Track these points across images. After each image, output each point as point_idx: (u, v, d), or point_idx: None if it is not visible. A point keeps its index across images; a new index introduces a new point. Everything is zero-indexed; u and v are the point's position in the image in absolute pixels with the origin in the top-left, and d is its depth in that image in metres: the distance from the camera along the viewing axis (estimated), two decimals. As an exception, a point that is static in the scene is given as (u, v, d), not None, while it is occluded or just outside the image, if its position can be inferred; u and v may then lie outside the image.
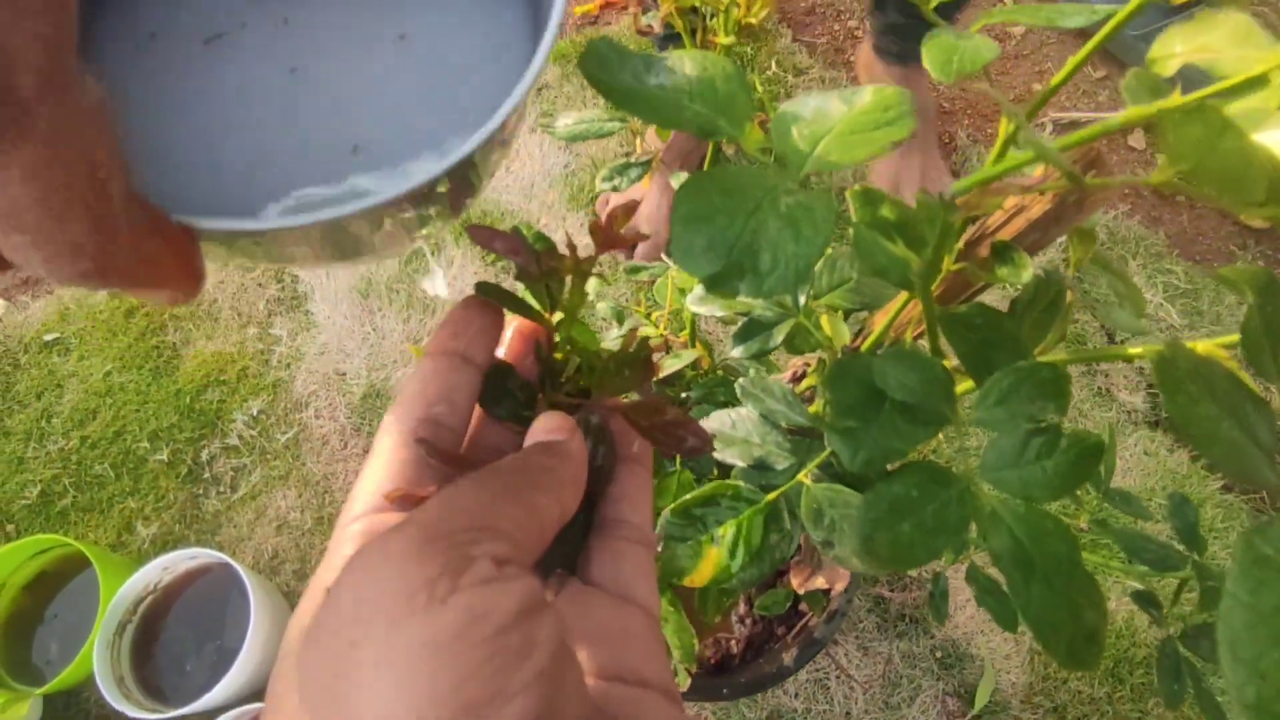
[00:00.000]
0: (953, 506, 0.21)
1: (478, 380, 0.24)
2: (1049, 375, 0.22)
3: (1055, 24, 0.26)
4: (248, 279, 1.07)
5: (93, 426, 0.99)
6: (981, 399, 0.22)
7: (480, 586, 0.16)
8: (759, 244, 0.18)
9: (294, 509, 0.94)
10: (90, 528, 0.94)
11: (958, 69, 0.24)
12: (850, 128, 0.22)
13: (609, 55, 0.22)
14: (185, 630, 0.81)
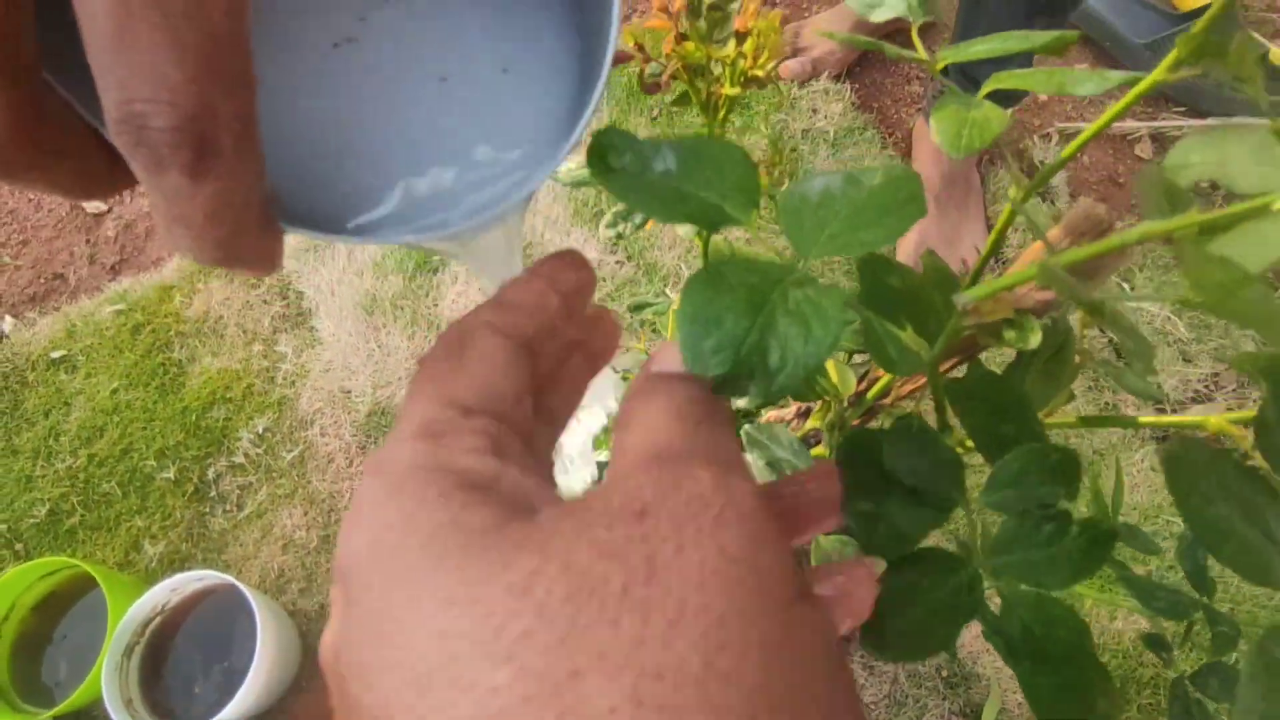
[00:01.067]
0: (963, 593, 0.21)
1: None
2: (1059, 459, 0.21)
3: (1066, 91, 0.26)
4: (252, 295, 1.08)
5: (100, 444, 0.99)
6: (991, 482, 0.22)
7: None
8: (768, 343, 0.18)
9: (300, 528, 0.94)
10: (98, 546, 0.94)
11: (966, 143, 0.24)
12: (858, 211, 0.21)
13: (616, 144, 0.22)
14: (193, 651, 0.81)
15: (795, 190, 0.23)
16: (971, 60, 0.30)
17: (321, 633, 0.18)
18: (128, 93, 0.14)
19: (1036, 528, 0.21)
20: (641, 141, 0.23)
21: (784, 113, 1.15)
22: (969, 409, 0.25)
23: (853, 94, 1.17)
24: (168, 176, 0.15)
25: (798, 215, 0.22)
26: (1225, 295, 0.14)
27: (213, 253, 0.17)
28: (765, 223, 1.07)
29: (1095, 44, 1.27)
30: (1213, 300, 0.15)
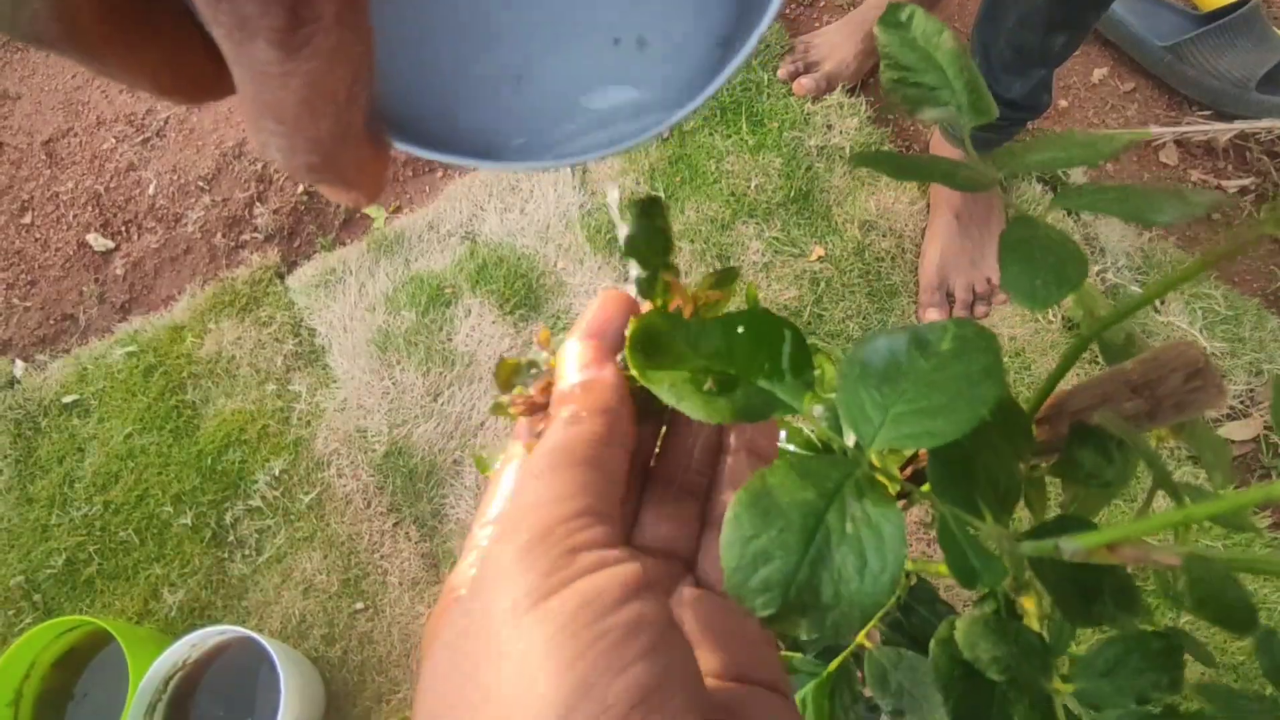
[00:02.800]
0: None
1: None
2: (1160, 646, 0.20)
3: (1143, 217, 0.24)
4: (264, 334, 1.06)
5: (115, 491, 0.98)
6: (1084, 668, 0.20)
7: (586, 576, 0.18)
8: (820, 578, 0.17)
9: (320, 571, 0.93)
10: (117, 596, 0.93)
11: (1042, 297, 0.22)
12: (929, 389, 0.19)
13: (663, 334, 0.20)
14: (216, 707, 0.80)
15: (856, 357, 0.21)
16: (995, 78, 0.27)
17: (345, 680, 0.20)
18: None
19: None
20: (687, 324, 0.21)
21: (798, 129, 1.12)
22: (1044, 561, 0.23)
23: (868, 108, 1.14)
24: (254, 46, 0.13)
25: (857, 392, 0.20)
26: None
27: (306, 156, 0.15)
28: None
29: (1114, 46, 1.23)
30: None
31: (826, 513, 0.17)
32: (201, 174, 1.22)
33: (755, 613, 0.17)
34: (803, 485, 0.17)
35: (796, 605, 0.17)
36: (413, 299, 1.05)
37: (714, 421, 0.19)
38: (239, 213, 1.19)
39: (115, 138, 1.27)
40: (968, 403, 0.18)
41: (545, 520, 0.19)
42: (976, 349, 0.19)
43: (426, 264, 1.08)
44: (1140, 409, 0.25)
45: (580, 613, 0.17)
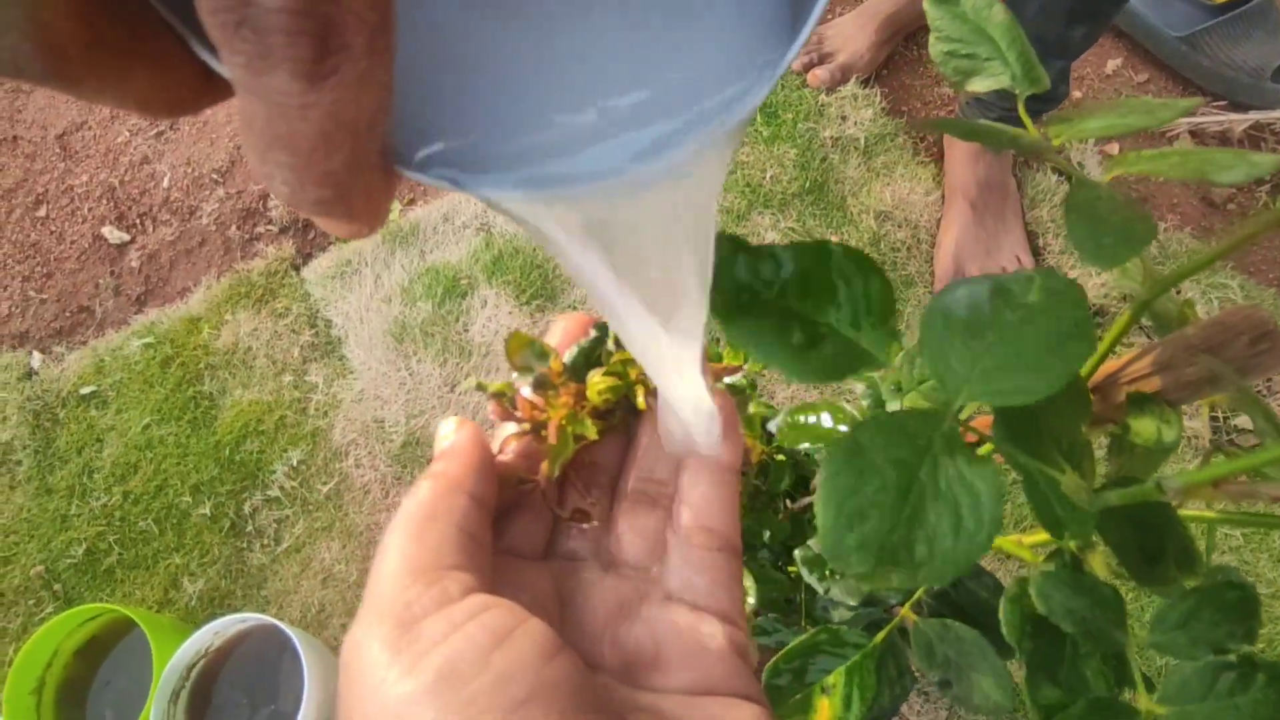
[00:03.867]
0: (1135, 748, 0.19)
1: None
2: (1235, 597, 0.20)
3: (1207, 177, 0.24)
4: (281, 325, 1.07)
5: (134, 481, 0.99)
6: (1159, 621, 0.20)
7: (438, 647, 0.17)
8: (914, 537, 0.17)
9: (339, 561, 0.93)
10: (137, 585, 0.94)
11: (1110, 257, 0.22)
12: (1016, 342, 0.19)
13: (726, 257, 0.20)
14: (239, 695, 0.81)
15: (939, 306, 0.21)
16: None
17: None
18: None
19: (1215, 677, 0.20)
20: (755, 249, 0.21)
21: (812, 121, 1.12)
22: (1110, 523, 0.23)
23: (882, 98, 1.14)
24: (275, 77, 0.11)
25: (942, 345, 0.20)
26: None
27: (316, 190, 0.14)
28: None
29: (1128, 38, 1.23)
30: None
31: (919, 469, 0.17)
32: (215, 167, 1.22)
33: (849, 572, 0.17)
34: (894, 442, 0.17)
35: (890, 561, 0.17)
36: (429, 290, 1.05)
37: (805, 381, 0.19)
38: (253, 205, 1.20)
39: (129, 131, 1.28)
40: (1060, 359, 0.18)
41: (392, 591, 0.19)
42: (1066, 302, 0.20)
43: (442, 255, 1.09)
44: (1201, 375, 0.25)
45: (438, 686, 0.17)
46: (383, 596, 0.19)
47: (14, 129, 1.30)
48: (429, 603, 0.18)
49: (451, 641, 0.17)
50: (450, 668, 0.17)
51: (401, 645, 0.18)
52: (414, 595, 0.19)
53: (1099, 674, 0.21)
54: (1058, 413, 0.24)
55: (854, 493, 0.17)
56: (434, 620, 0.18)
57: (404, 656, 0.17)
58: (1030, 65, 0.30)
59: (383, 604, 0.19)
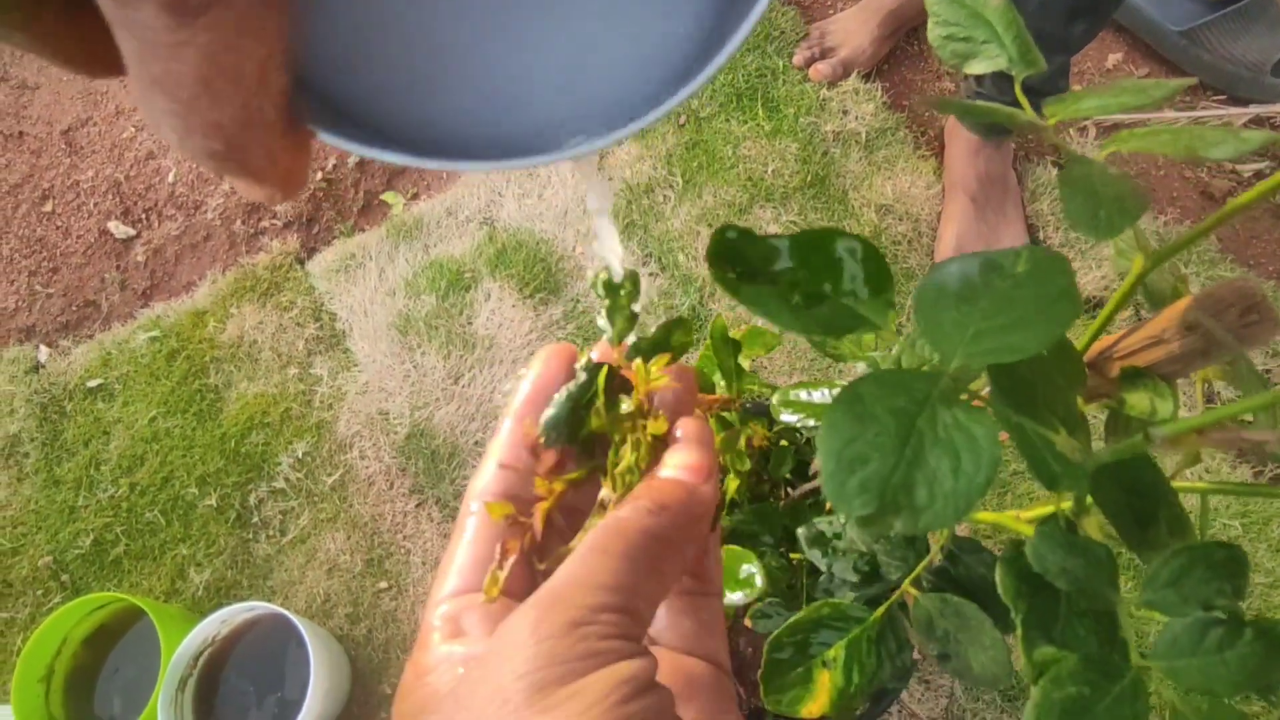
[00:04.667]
0: (1126, 703, 0.20)
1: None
2: (1224, 556, 0.20)
3: (1197, 154, 0.25)
4: (285, 318, 1.07)
5: (141, 473, 0.99)
6: (1150, 580, 0.21)
7: (603, 670, 0.17)
8: (914, 479, 0.17)
9: (344, 552, 0.94)
10: (144, 576, 0.94)
11: (1106, 225, 0.23)
12: (1006, 307, 0.20)
13: (744, 246, 0.21)
14: (245, 683, 0.81)
15: (931, 280, 0.21)
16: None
17: (369, 658, 0.19)
18: None
19: (1203, 632, 0.20)
20: (763, 239, 0.22)
21: (814, 115, 1.13)
22: (1103, 489, 0.24)
23: (883, 93, 1.15)
24: (142, 9, 0.11)
25: (935, 312, 0.21)
26: None
27: (205, 141, 0.13)
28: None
29: (1129, 33, 1.24)
30: None
31: (918, 418, 0.18)
32: (220, 162, 1.23)
33: (852, 514, 0.18)
34: (894, 394, 0.18)
35: (891, 506, 0.17)
36: (432, 283, 1.06)
37: (802, 334, 0.19)
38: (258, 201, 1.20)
39: (134, 126, 1.28)
40: (1046, 320, 0.19)
41: (581, 604, 0.18)
42: (1052, 270, 0.20)
43: (446, 249, 1.09)
44: (1194, 347, 0.26)
45: (591, 709, 0.16)
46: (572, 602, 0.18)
47: (20, 125, 1.31)
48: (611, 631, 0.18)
49: (616, 669, 0.17)
50: (608, 690, 0.16)
51: (571, 654, 0.17)
52: (602, 620, 0.18)
53: (1092, 632, 0.22)
54: (1052, 383, 0.24)
55: (854, 438, 0.18)
56: (609, 645, 0.17)
57: (566, 666, 0.17)
58: (1026, 48, 0.30)
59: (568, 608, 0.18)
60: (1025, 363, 0.24)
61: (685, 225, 1.07)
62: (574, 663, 0.17)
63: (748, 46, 1.19)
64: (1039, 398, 0.23)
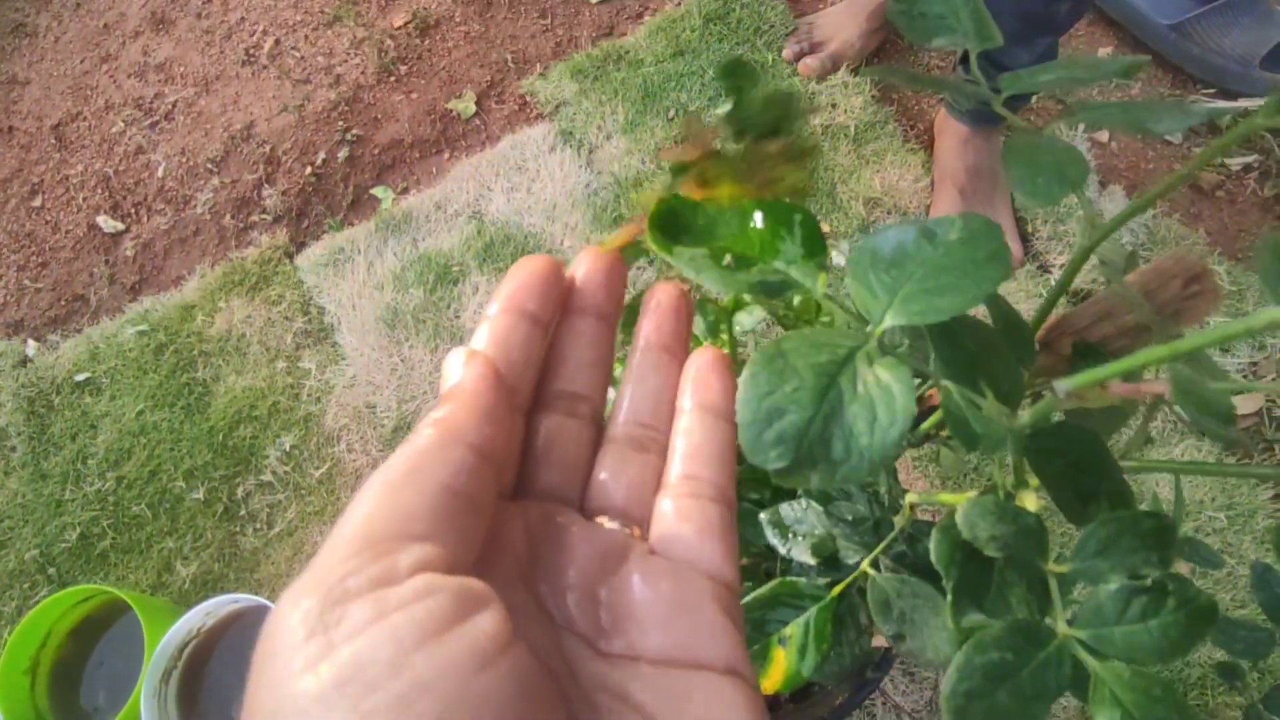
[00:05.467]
0: (1050, 669, 0.20)
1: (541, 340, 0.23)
2: (1152, 526, 0.20)
3: (1145, 125, 0.25)
4: (274, 312, 1.07)
5: (128, 467, 1.00)
6: (1079, 549, 0.21)
7: (361, 634, 0.15)
8: (831, 433, 0.17)
9: (330, 545, 0.94)
10: (130, 569, 0.95)
11: (1046, 192, 0.23)
12: (936, 271, 0.20)
13: (683, 214, 0.21)
14: (230, 675, 0.82)
15: (865, 246, 0.21)
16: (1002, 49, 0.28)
17: None
18: None
19: (1128, 601, 0.20)
20: (706, 208, 0.22)
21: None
22: (1046, 464, 0.24)
23: (872, 87, 1.15)
24: None
25: (866, 276, 0.21)
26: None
27: None
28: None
29: (1118, 25, 1.23)
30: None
31: (839, 375, 0.18)
32: (210, 156, 1.23)
33: (769, 466, 0.18)
34: (817, 350, 0.18)
35: (808, 459, 0.17)
36: (420, 277, 1.06)
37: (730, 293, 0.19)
38: (247, 194, 1.21)
39: (124, 121, 1.29)
40: (974, 282, 0.19)
41: (334, 559, 0.16)
42: (984, 237, 0.20)
43: (434, 243, 1.09)
44: (1141, 320, 0.26)
45: (340, 688, 0.14)
46: (323, 563, 0.16)
47: (9, 120, 1.31)
48: (366, 579, 0.16)
49: (370, 633, 0.15)
50: (358, 667, 0.14)
51: (319, 626, 0.15)
52: (354, 566, 0.16)
53: (1022, 601, 0.22)
54: (999, 356, 0.24)
55: (772, 391, 0.18)
56: (363, 602, 0.15)
57: (316, 641, 0.15)
58: (983, 23, 0.30)
59: (319, 572, 0.16)
60: (971, 334, 0.24)
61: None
62: (325, 634, 0.15)
63: (737, 40, 1.20)
64: (982, 367, 0.23)
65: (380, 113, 1.25)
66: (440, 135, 1.23)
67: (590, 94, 1.18)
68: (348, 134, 1.23)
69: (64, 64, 1.36)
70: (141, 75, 1.33)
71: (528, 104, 1.23)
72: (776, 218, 0.22)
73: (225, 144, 1.24)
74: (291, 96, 1.27)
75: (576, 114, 1.17)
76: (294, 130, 1.24)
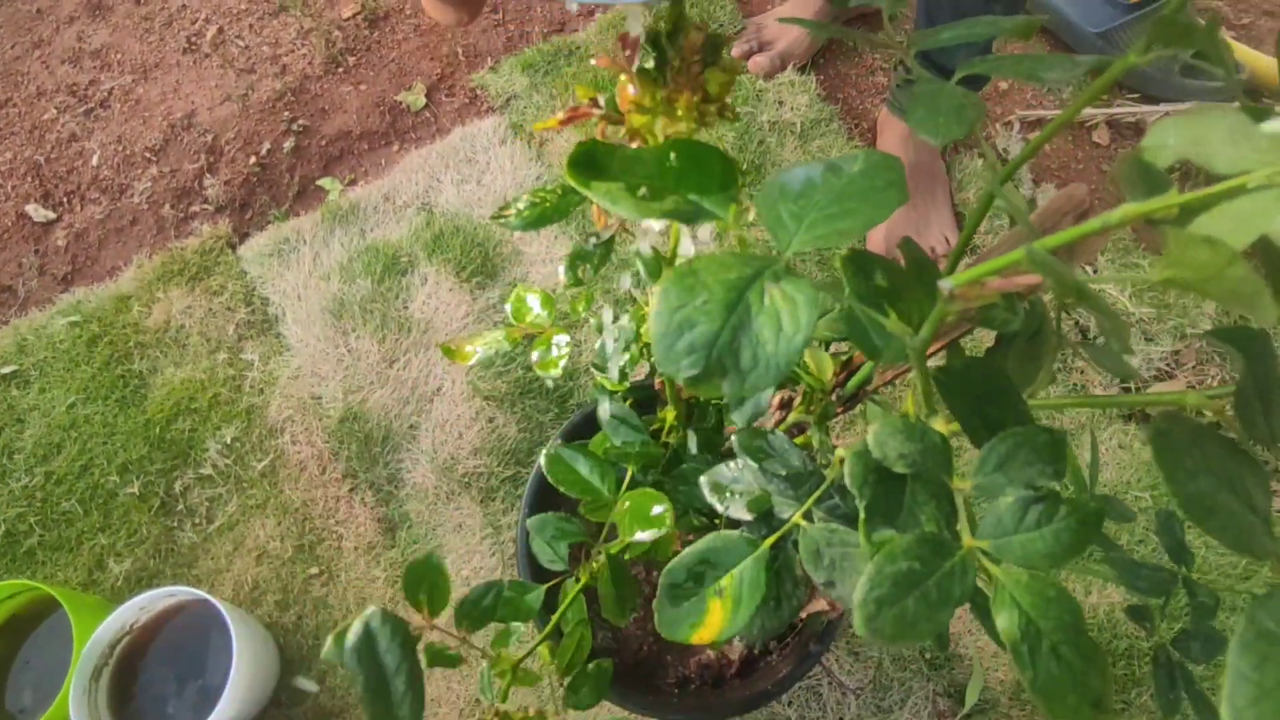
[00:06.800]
0: (955, 578, 0.21)
1: None
2: (1046, 440, 0.22)
3: (1036, 76, 0.26)
4: (215, 303, 1.05)
5: (58, 461, 0.96)
6: (980, 465, 0.22)
7: None
8: (740, 343, 0.18)
9: (273, 538, 0.92)
10: (59, 566, 0.91)
11: (945, 130, 0.24)
12: (839, 199, 0.21)
13: (600, 155, 0.21)
14: (165, 670, 0.79)
15: (775, 181, 0.22)
16: (940, 47, 0.30)
17: (299, 645, 0.17)
18: None
19: (1024, 510, 0.21)
20: (624, 151, 0.23)
21: (750, 105, 1.15)
22: (955, 395, 0.25)
23: (818, 85, 1.18)
24: None
25: (775, 207, 0.22)
26: (1211, 275, 0.14)
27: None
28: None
29: (1050, 33, 1.29)
30: (1198, 280, 0.15)
31: (748, 290, 0.19)
32: (148, 145, 1.20)
33: (679, 375, 0.18)
34: (727, 269, 0.19)
35: (718, 367, 0.18)
36: (368, 267, 1.05)
37: (642, 217, 0.20)
38: (188, 184, 1.17)
39: (56, 108, 1.24)
40: (873, 206, 0.20)
41: None
42: (884, 168, 0.21)
43: (383, 234, 1.08)
44: (1039, 263, 0.27)
45: None
46: None
47: (-67, 105, 1.25)
48: None
49: None
50: None
51: None
52: None
53: (931, 519, 0.23)
54: (909, 291, 0.26)
55: (683, 305, 0.19)
56: None
57: None
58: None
59: None
60: (882, 270, 0.25)
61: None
62: None
63: (686, 38, 1.21)
64: (889, 300, 0.24)
65: (328, 104, 1.23)
66: (389, 127, 1.22)
67: (541, 88, 1.18)
68: (294, 124, 1.21)
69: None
70: (76, 61, 1.29)
71: (478, 97, 1.23)
72: (691, 154, 0.23)
73: (165, 133, 1.21)
74: (235, 86, 1.24)
75: (527, 107, 1.17)
76: (237, 120, 1.21)
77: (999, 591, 0.21)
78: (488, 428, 0.95)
